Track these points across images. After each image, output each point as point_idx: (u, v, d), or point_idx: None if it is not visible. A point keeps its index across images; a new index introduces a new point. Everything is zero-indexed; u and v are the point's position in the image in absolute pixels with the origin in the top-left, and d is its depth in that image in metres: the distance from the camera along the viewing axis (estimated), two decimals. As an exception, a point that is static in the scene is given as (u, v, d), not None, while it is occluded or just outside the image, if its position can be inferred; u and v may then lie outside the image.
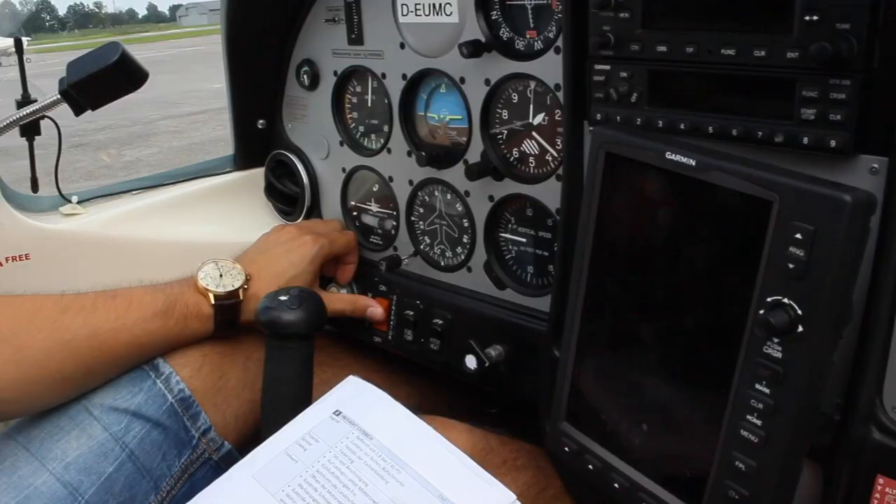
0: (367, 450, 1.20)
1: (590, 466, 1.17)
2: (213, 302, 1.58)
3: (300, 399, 1.43)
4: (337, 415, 1.26)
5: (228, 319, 1.60)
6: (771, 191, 0.89)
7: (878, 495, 1.12)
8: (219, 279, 1.61)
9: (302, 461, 1.20)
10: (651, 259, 1.08)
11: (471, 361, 1.56)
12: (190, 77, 17.37)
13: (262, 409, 1.48)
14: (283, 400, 1.45)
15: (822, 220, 0.85)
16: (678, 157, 0.98)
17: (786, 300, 0.89)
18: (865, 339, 1.08)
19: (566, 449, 1.20)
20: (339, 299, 1.82)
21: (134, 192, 1.92)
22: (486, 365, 1.53)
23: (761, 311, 0.91)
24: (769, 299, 0.91)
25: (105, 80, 1.55)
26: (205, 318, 1.58)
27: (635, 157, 1.04)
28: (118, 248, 1.81)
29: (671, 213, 1.04)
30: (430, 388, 1.97)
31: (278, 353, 1.46)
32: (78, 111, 1.60)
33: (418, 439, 1.21)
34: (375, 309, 1.81)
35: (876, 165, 1.04)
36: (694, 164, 0.96)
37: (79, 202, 1.81)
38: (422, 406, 1.92)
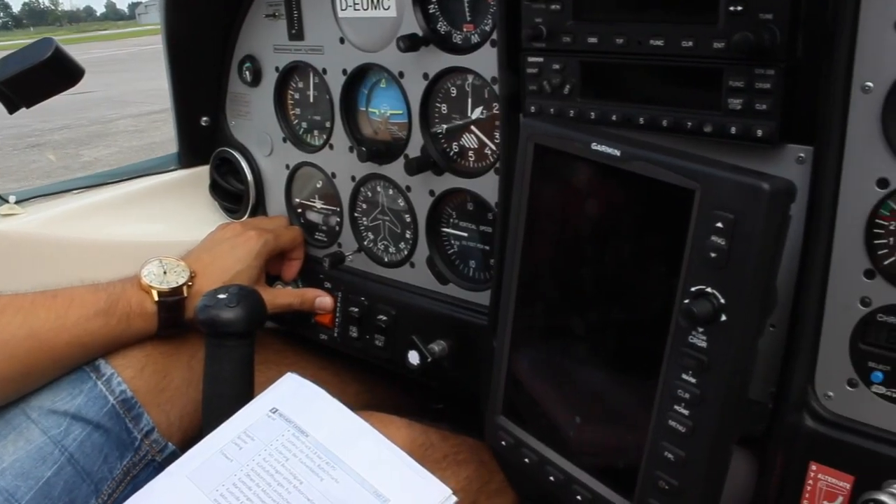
0: (303, 447, 1.19)
1: (526, 460, 1.17)
2: (156, 299, 1.55)
3: (241, 398, 1.41)
4: (273, 412, 1.25)
5: (172, 317, 1.58)
6: (692, 180, 0.89)
7: (811, 482, 1.13)
8: (162, 276, 1.58)
9: (237, 460, 1.19)
10: (581, 250, 1.08)
11: (413, 357, 1.56)
12: (150, 75, 17.19)
13: (203, 408, 1.46)
14: (223, 399, 1.43)
15: (742, 209, 0.86)
16: (603, 148, 0.98)
17: (709, 289, 0.90)
18: (795, 328, 1.09)
19: (503, 443, 1.20)
20: (285, 294, 1.80)
21: (75, 192, 1.89)
22: (429, 360, 1.53)
23: (686, 301, 0.91)
24: (693, 289, 0.91)
25: (38, 77, 1.53)
26: (148, 316, 1.55)
27: (563, 148, 1.04)
28: (59, 249, 1.78)
29: (599, 204, 1.04)
30: (380, 385, 1.96)
31: (218, 351, 1.44)
32: (11, 108, 1.57)
33: (354, 436, 1.20)
34: (324, 298, 1.80)
35: (802, 154, 1.05)
36: (619, 154, 0.96)
37: (17, 202, 1.78)
38: (371, 403, 1.91)
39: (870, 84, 0.99)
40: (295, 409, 1.25)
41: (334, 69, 1.67)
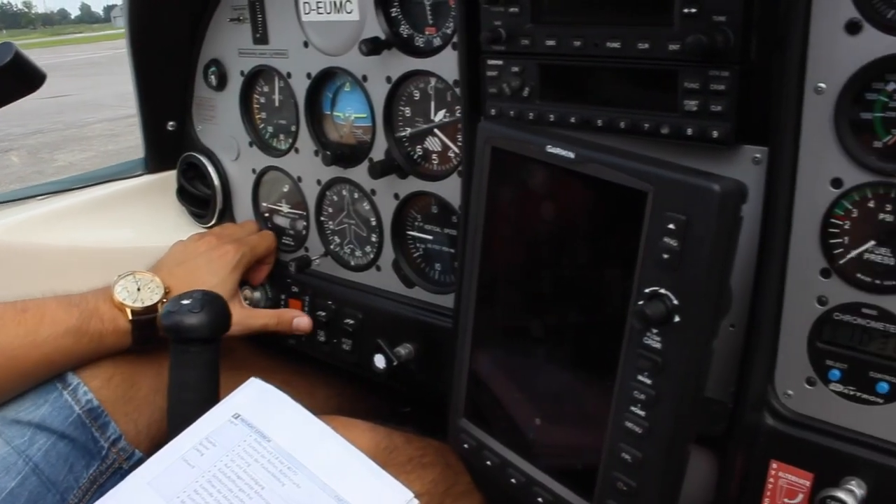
0: (265, 452, 1.18)
1: (488, 462, 1.17)
2: (130, 317, 1.53)
3: (206, 403, 1.40)
4: (236, 418, 1.24)
5: (147, 334, 1.55)
6: (645, 182, 0.90)
7: (772, 480, 1.14)
8: (136, 293, 1.56)
9: (198, 466, 1.18)
10: (539, 252, 1.09)
11: (380, 361, 1.56)
12: (126, 79, 16.97)
13: (168, 415, 1.45)
14: (188, 405, 1.42)
15: (694, 210, 0.86)
16: (558, 151, 0.98)
17: (662, 290, 0.90)
18: (754, 328, 1.10)
19: (465, 445, 1.20)
20: (261, 314, 1.75)
21: (40, 198, 1.88)
22: (395, 364, 1.53)
23: (640, 303, 0.92)
24: (647, 290, 0.91)
25: (-3, 83, 1.51)
26: (121, 333, 1.53)
27: (519, 151, 1.04)
28: (23, 256, 1.77)
29: (555, 207, 1.05)
30: (350, 389, 1.96)
31: (182, 357, 1.42)
32: (-29, 115, 1.55)
33: (316, 440, 1.20)
34: (301, 319, 1.76)
35: (758, 155, 1.06)
36: (573, 156, 0.97)
37: (-23, 209, 1.77)
38: (340, 407, 1.91)
39: (822, 85, 1.01)
40: (257, 414, 1.24)
41: (299, 73, 1.67)
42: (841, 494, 1.05)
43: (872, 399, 1.07)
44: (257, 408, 1.25)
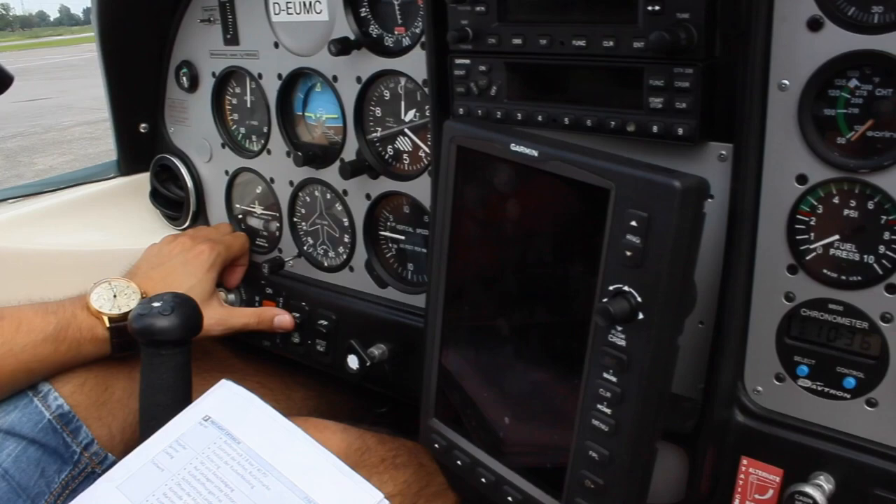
0: (235, 454, 1.18)
1: (458, 462, 1.17)
2: (107, 325, 1.51)
3: (178, 406, 1.40)
4: (206, 420, 1.24)
5: (125, 341, 1.53)
6: (607, 179, 0.90)
7: (742, 476, 1.14)
8: (113, 300, 1.54)
9: (168, 469, 1.17)
10: (505, 251, 1.09)
11: (353, 361, 1.55)
12: (105, 82, 16.97)
13: (140, 418, 1.44)
14: (160, 408, 1.41)
15: (655, 207, 0.86)
16: (522, 149, 0.98)
17: (626, 288, 0.90)
18: (722, 324, 1.10)
19: (436, 445, 1.20)
20: (241, 313, 1.74)
21: (11, 201, 1.86)
22: (368, 364, 1.52)
23: (604, 300, 0.92)
24: (611, 288, 0.91)
25: (-37, 87, 1.50)
26: (100, 341, 1.51)
27: (484, 149, 1.04)
28: (-6, 261, 1.75)
29: (521, 205, 1.05)
30: (328, 390, 1.95)
31: (153, 360, 1.42)
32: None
33: (287, 442, 1.19)
34: (283, 317, 1.74)
35: (724, 152, 1.06)
36: (536, 154, 0.97)
37: (-51, 213, 1.75)
38: (317, 408, 1.90)
39: (786, 82, 1.01)
40: (228, 416, 1.23)
41: (269, 74, 1.66)
42: (809, 489, 1.05)
43: (840, 394, 1.07)
44: (228, 410, 1.25)
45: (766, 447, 1.13)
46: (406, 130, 1.48)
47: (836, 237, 1.03)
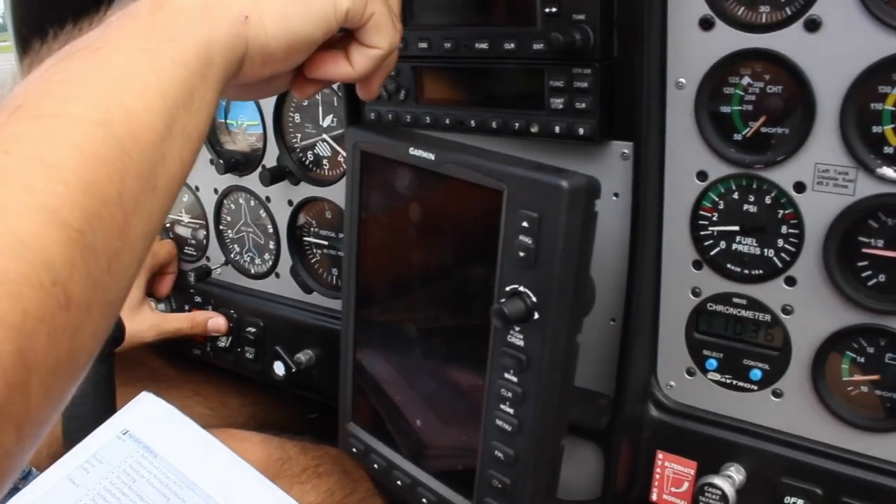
0: (152, 468, 1.16)
1: (375, 465, 1.17)
2: None
3: (99, 420, 1.38)
4: (124, 434, 1.22)
5: None
6: (499, 181, 0.90)
7: (659, 470, 1.15)
8: None
9: (83, 485, 1.16)
10: (409, 254, 1.09)
11: (279, 368, 1.55)
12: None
13: (62, 432, 1.42)
14: (81, 421, 1.39)
15: (545, 207, 0.87)
16: (419, 153, 0.98)
17: (522, 288, 0.91)
18: (631, 321, 1.11)
19: (354, 450, 1.20)
20: (173, 319, 1.72)
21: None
22: (293, 371, 1.52)
23: (501, 301, 0.92)
24: (507, 288, 0.92)
25: None
26: None
27: (385, 154, 1.04)
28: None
29: (422, 209, 1.05)
30: (264, 397, 1.93)
31: (74, 373, 1.40)
32: None
33: (204, 454, 1.18)
34: (216, 319, 1.73)
35: (626, 151, 1.07)
36: (433, 158, 0.97)
37: None
38: (255, 415, 1.89)
39: (682, 80, 1.02)
40: (146, 429, 1.22)
41: (190, 81, 1.65)
42: (717, 481, 1.07)
43: (747, 386, 1.09)
44: (147, 423, 1.23)
45: (680, 441, 1.14)
46: (325, 136, 1.47)
47: (738, 232, 1.04)
